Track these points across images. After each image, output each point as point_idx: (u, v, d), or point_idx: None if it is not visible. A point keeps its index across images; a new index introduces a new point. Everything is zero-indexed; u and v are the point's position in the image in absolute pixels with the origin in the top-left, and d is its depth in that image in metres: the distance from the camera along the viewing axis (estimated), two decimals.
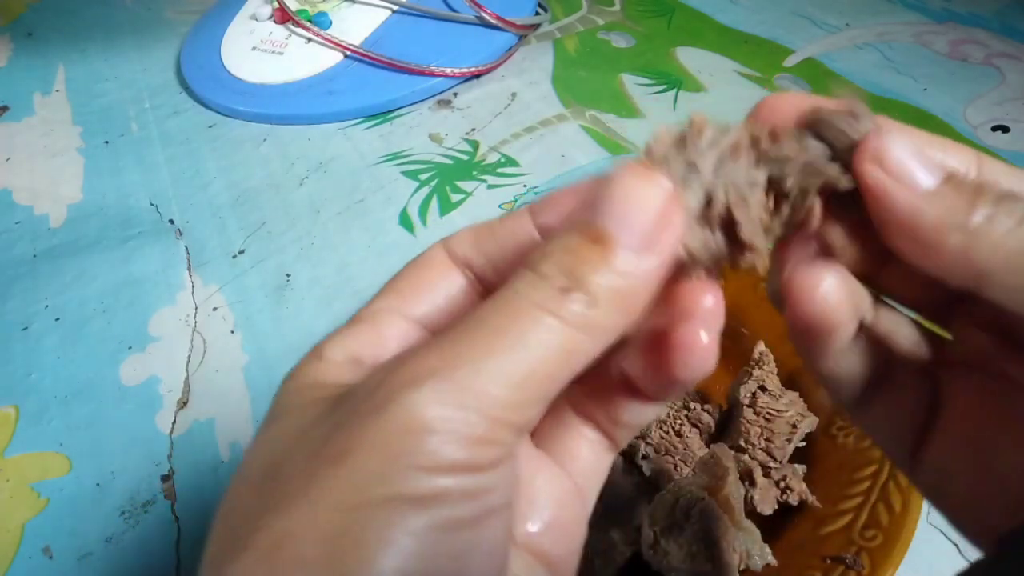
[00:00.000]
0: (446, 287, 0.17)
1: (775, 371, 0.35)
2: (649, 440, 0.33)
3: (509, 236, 0.17)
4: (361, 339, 0.16)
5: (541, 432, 0.18)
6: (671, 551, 0.28)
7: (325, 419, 0.14)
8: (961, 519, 0.17)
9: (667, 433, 0.33)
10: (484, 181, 0.54)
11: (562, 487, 0.17)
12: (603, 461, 0.18)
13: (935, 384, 0.17)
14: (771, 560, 0.29)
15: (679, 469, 0.32)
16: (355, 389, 0.14)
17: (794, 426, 0.33)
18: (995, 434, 0.16)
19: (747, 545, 0.29)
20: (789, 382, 0.35)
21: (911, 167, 0.15)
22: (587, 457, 0.18)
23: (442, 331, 0.14)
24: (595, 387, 0.17)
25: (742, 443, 0.33)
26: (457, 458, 0.13)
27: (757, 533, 0.29)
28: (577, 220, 0.15)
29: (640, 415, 0.18)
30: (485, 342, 0.13)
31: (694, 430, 0.34)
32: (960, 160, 0.16)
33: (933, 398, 0.17)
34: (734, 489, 0.30)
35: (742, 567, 0.28)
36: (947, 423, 0.17)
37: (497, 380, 0.13)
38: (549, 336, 0.14)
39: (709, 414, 0.34)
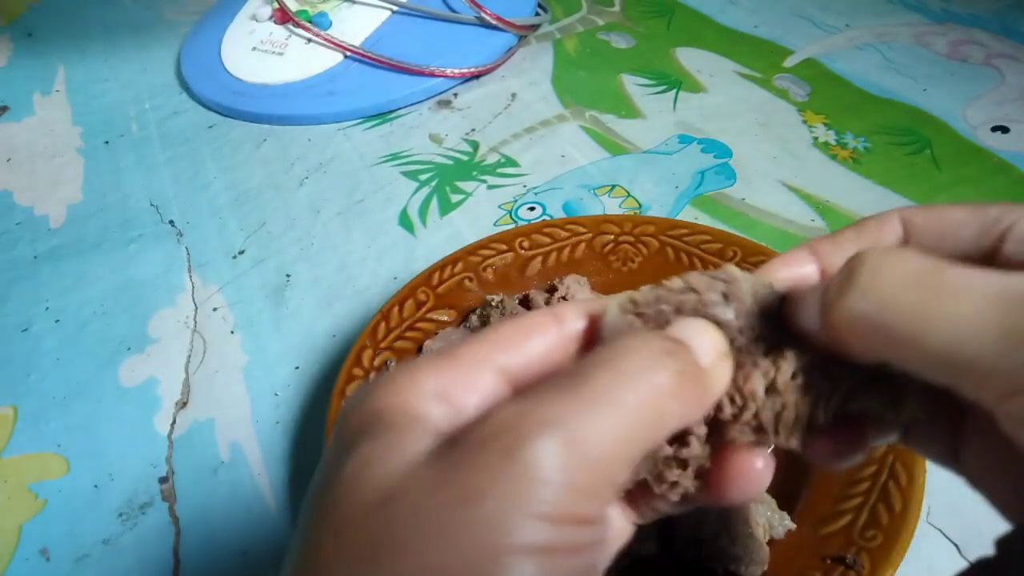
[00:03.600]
0: (547, 350, 0.18)
1: None
2: None
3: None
4: (453, 379, 0.16)
5: None
6: (709, 539, 0.28)
7: (442, 456, 0.14)
8: (1008, 513, 0.17)
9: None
10: (484, 181, 0.54)
11: None
12: (625, 531, 0.19)
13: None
14: (791, 526, 0.29)
15: None
16: (476, 427, 0.14)
17: None
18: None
19: (768, 516, 0.29)
20: None
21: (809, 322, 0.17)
22: (614, 525, 0.18)
23: (557, 377, 0.15)
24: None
25: None
26: (576, 510, 0.14)
27: (774, 503, 0.30)
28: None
29: (675, 510, 0.18)
30: (593, 396, 0.14)
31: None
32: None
33: (959, 405, 0.17)
34: None
35: (767, 539, 0.29)
36: (973, 428, 0.17)
37: (605, 436, 0.14)
38: (642, 393, 0.15)
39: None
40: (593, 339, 0.18)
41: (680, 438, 0.17)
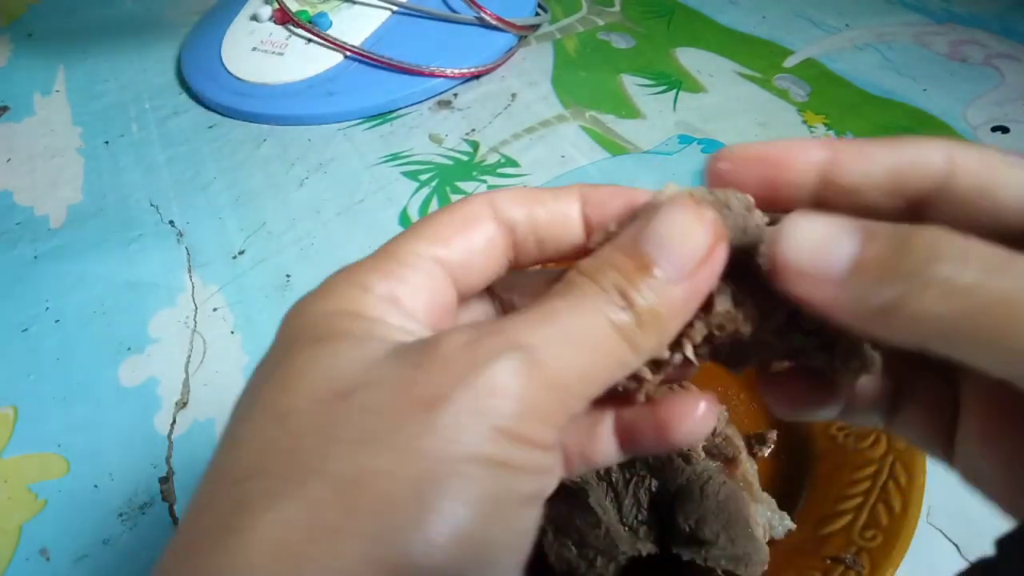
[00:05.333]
0: (487, 244, 0.17)
1: None
2: None
3: (558, 215, 0.18)
4: (399, 279, 0.16)
5: None
6: (709, 539, 0.28)
7: (400, 358, 0.14)
8: (1004, 506, 0.16)
9: None
10: (484, 182, 0.54)
11: None
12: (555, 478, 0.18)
13: (953, 384, 0.17)
14: (791, 526, 0.29)
15: (681, 470, 0.32)
16: (437, 339, 0.14)
17: None
18: (1011, 431, 0.16)
19: (767, 516, 0.29)
20: None
21: (812, 263, 0.14)
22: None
23: (526, 308, 0.15)
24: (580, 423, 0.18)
25: None
26: (532, 432, 0.14)
27: (774, 502, 0.30)
28: (627, 240, 0.16)
29: (613, 460, 0.18)
30: (564, 333, 0.14)
31: None
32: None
33: (954, 397, 0.17)
34: (747, 465, 0.30)
35: (767, 539, 0.29)
36: (967, 420, 0.17)
37: (571, 369, 0.14)
38: (607, 341, 0.15)
39: None
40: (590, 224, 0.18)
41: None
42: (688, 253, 0.15)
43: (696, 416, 0.17)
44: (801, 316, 0.16)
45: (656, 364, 0.16)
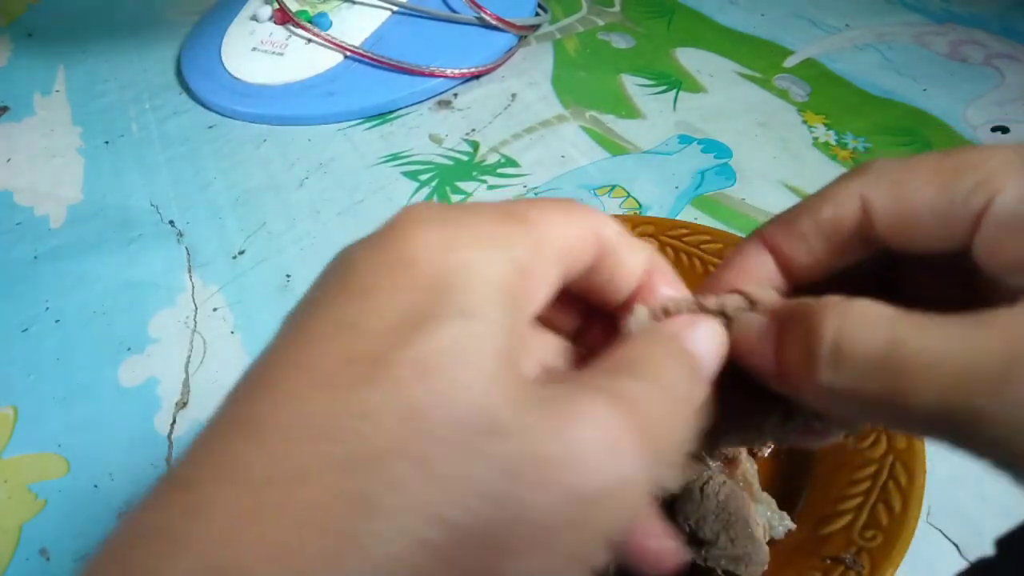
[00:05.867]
0: (579, 252, 0.17)
1: None
2: None
3: (626, 263, 0.19)
4: (532, 252, 0.15)
5: None
6: (709, 539, 0.28)
7: (534, 392, 0.13)
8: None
9: None
10: (484, 182, 0.54)
11: None
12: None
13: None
14: (791, 526, 0.29)
15: None
16: (570, 438, 0.13)
17: None
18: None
19: (767, 516, 0.29)
20: None
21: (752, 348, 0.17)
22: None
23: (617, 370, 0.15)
24: None
25: None
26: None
27: (774, 502, 0.30)
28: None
29: None
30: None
31: None
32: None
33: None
34: (747, 465, 0.30)
35: (767, 539, 0.29)
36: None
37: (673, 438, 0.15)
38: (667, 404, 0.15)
39: None
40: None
41: None
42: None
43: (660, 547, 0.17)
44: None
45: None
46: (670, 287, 0.19)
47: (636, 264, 0.18)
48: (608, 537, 0.13)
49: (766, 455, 0.34)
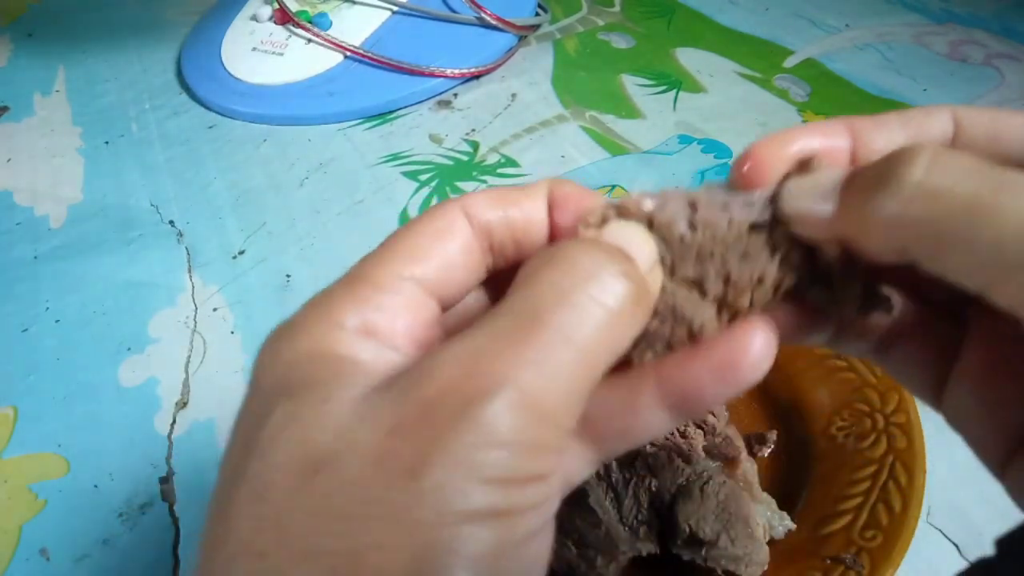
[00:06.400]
0: (464, 253, 0.17)
1: None
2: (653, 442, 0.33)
3: (530, 215, 0.17)
4: (375, 306, 0.15)
5: None
6: (709, 539, 0.28)
7: (373, 418, 0.13)
8: (986, 457, 0.16)
9: (672, 434, 0.33)
10: (484, 182, 0.54)
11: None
12: (582, 467, 0.17)
13: (960, 321, 0.17)
14: (791, 526, 0.29)
15: (681, 470, 0.32)
16: (417, 383, 0.13)
17: None
18: (1006, 379, 0.15)
19: (767, 516, 0.29)
20: None
21: (806, 210, 0.16)
22: (569, 465, 0.17)
23: (497, 314, 0.14)
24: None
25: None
26: (530, 470, 0.13)
27: (774, 503, 0.30)
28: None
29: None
30: (542, 339, 0.13)
31: (698, 431, 0.34)
32: (835, 133, 0.17)
33: (956, 335, 0.17)
34: (747, 465, 0.30)
35: (767, 539, 0.29)
36: (968, 358, 0.16)
37: (558, 384, 0.13)
38: (594, 325, 0.14)
39: (713, 413, 0.34)
40: (557, 229, 0.17)
41: None
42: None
43: (758, 345, 0.15)
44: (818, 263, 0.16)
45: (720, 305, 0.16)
46: (595, 199, 0.18)
47: (531, 212, 0.17)
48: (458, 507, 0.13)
49: (766, 455, 0.34)
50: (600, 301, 0.14)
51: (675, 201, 0.16)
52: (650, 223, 0.16)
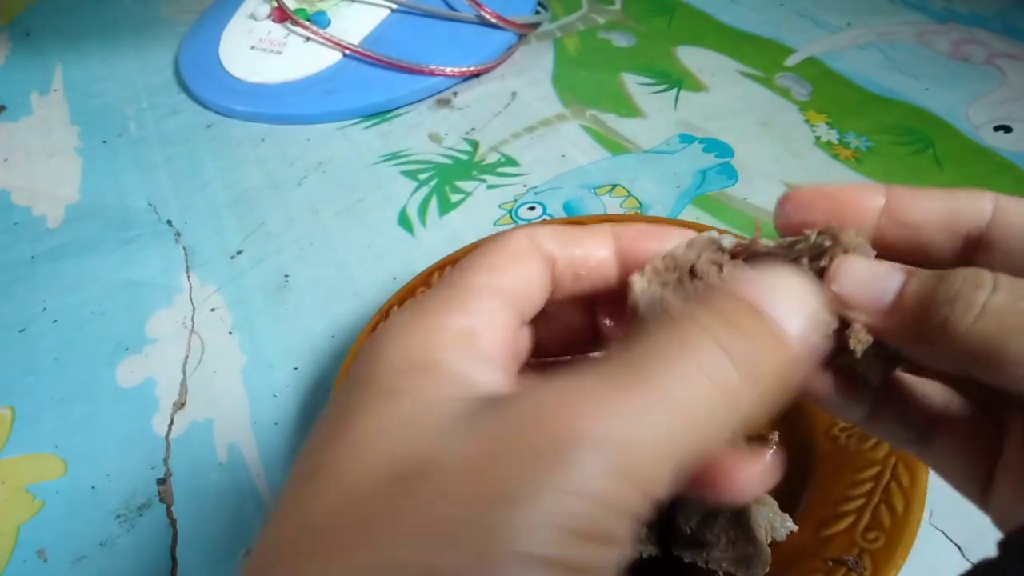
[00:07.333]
0: (537, 273, 0.18)
1: None
2: None
3: (593, 253, 0.18)
4: (475, 311, 0.16)
5: None
6: (710, 541, 0.28)
7: (473, 434, 0.13)
8: None
9: None
10: (484, 181, 0.54)
11: None
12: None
13: (997, 420, 0.17)
14: (793, 527, 0.29)
15: None
16: (510, 412, 0.13)
17: None
18: None
19: (769, 518, 0.29)
20: None
21: (865, 293, 0.16)
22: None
23: (606, 361, 0.14)
24: None
25: None
26: (607, 528, 0.13)
27: (775, 504, 0.30)
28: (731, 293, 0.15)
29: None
30: (652, 391, 0.13)
31: None
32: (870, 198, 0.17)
33: (997, 433, 0.17)
34: None
35: (768, 541, 0.28)
36: (1011, 460, 0.16)
37: (654, 448, 0.13)
38: (702, 397, 0.13)
39: None
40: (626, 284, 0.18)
41: None
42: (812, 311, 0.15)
43: (751, 473, 0.15)
44: None
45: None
46: (659, 241, 0.18)
47: (593, 251, 0.18)
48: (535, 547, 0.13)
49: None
50: (707, 373, 0.13)
51: (699, 246, 0.17)
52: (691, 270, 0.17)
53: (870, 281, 0.16)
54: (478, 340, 0.15)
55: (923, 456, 0.18)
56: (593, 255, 0.18)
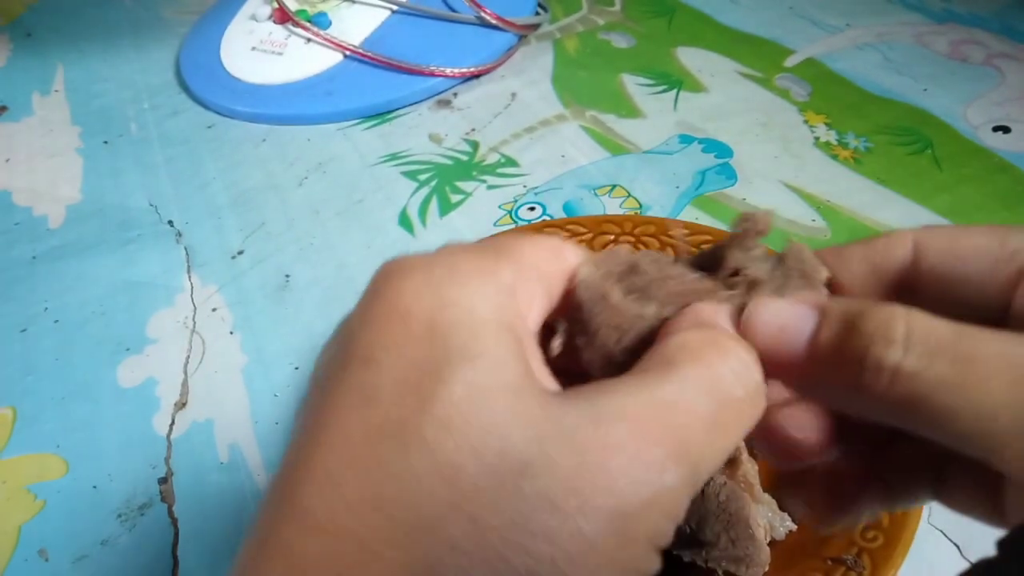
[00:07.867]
0: (562, 272, 0.18)
1: None
2: None
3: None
4: (527, 278, 0.16)
5: None
6: (710, 540, 0.28)
7: (569, 433, 0.13)
8: None
9: None
10: (484, 181, 0.54)
11: None
12: None
13: None
14: (792, 527, 0.29)
15: None
16: (598, 416, 0.13)
17: None
18: None
19: (768, 517, 0.29)
20: None
21: (775, 344, 0.16)
22: None
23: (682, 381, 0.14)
24: None
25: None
26: (668, 539, 0.14)
27: (775, 503, 0.30)
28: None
29: None
30: (709, 417, 0.14)
31: None
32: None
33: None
34: (748, 466, 0.30)
35: (768, 540, 0.28)
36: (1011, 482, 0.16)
37: (712, 464, 0.14)
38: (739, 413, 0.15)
39: None
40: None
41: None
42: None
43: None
44: None
45: None
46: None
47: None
48: (655, 542, 0.13)
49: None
50: (736, 393, 0.15)
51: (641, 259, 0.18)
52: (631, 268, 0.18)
53: (780, 330, 0.16)
54: (520, 301, 0.15)
55: (944, 500, 0.18)
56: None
